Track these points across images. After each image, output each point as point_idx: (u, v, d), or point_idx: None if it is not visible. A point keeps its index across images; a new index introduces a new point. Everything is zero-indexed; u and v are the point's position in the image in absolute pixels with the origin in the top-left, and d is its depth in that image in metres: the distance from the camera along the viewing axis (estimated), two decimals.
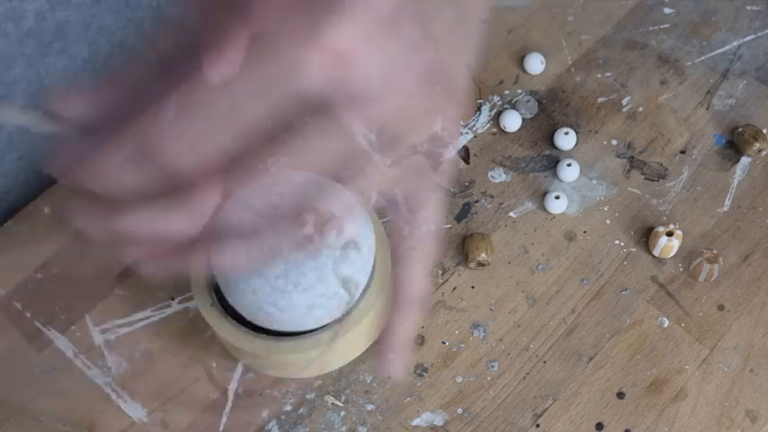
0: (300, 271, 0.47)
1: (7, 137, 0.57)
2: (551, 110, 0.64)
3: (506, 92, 0.65)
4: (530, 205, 0.60)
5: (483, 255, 0.57)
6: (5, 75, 0.58)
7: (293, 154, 0.31)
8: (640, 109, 0.64)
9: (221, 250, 0.35)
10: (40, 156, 0.61)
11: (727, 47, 0.67)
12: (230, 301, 0.49)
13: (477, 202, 0.60)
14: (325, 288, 0.47)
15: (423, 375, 0.54)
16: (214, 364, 0.55)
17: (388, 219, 0.43)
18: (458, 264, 0.58)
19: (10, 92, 0.59)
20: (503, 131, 0.63)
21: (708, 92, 0.65)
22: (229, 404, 0.54)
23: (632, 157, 0.62)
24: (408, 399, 0.54)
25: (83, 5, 0.59)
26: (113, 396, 0.54)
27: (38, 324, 0.55)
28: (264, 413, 0.53)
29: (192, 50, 0.31)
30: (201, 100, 0.30)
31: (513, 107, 0.64)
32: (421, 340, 0.55)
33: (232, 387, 0.54)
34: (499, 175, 0.61)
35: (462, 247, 0.58)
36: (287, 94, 0.30)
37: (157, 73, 0.37)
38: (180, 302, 0.56)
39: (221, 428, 0.53)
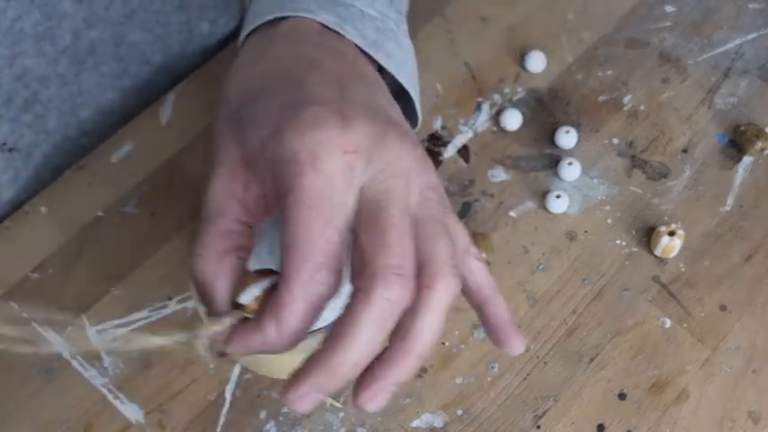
0: None
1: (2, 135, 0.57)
2: (552, 108, 0.63)
3: (506, 90, 0.64)
4: (530, 204, 0.60)
5: (483, 254, 0.56)
6: (42, 93, 0.58)
7: None
8: (642, 107, 0.63)
9: None
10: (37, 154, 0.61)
11: (728, 45, 0.66)
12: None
13: (477, 201, 0.60)
14: None
15: (422, 376, 0.54)
16: (211, 365, 0.54)
17: None
18: None
19: (47, 111, 0.59)
20: (503, 130, 0.62)
21: (710, 90, 0.64)
22: (227, 405, 0.53)
23: (634, 156, 0.62)
24: (408, 400, 0.53)
25: (115, 23, 0.59)
26: (110, 397, 0.53)
27: (35, 324, 0.54)
28: (263, 414, 0.53)
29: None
30: None
31: (514, 106, 0.63)
32: None
33: (230, 388, 0.54)
34: (499, 174, 0.61)
35: None
36: None
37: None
38: (178, 302, 0.56)
39: (219, 430, 0.53)
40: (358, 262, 0.35)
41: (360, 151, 0.36)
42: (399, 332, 0.36)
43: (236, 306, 0.37)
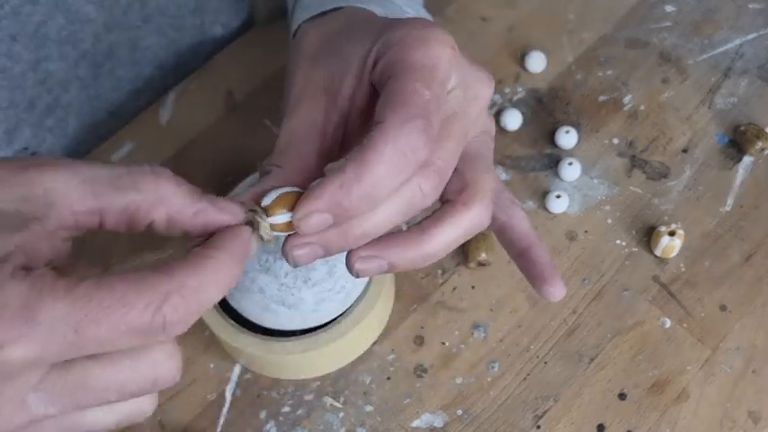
0: (311, 265, 0.46)
1: (5, 131, 0.57)
2: (552, 108, 0.63)
3: (507, 90, 0.64)
4: (531, 204, 0.60)
5: (483, 254, 0.56)
6: (62, 98, 0.59)
7: None
8: (642, 107, 0.63)
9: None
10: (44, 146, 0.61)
11: (729, 45, 0.66)
12: (232, 302, 0.49)
13: None
14: (333, 282, 0.47)
15: (422, 376, 0.54)
16: (212, 365, 0.54)
17: None
18: (458, 264, 0.57)
19: (67, 115, 0.60)
20: (503, 130, 0.62)
21: (710, 90, 0.64)
22: (227, 405, 0.53)
23: (634, 156, 0.62)
24: (408, 400, 0.53)
25: (133, 27, 0.60)
26: None
27: None
28: (263, 414, 0.53)
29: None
30: None
31: (514, 106, 0.63)
32: (420, 341, 0.55)
33: (230, 388, 0.54)
34: (500, 174, 0.61)
35: (462, 246, 0.57)
36: None
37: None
38: None
39: (219, 430, 0.53)
40: None
41: (458, 54, 0.36)
42: (421, 226, 0.37)
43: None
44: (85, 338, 0.28)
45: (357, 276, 0.37)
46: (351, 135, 0.39)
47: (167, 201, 0.32)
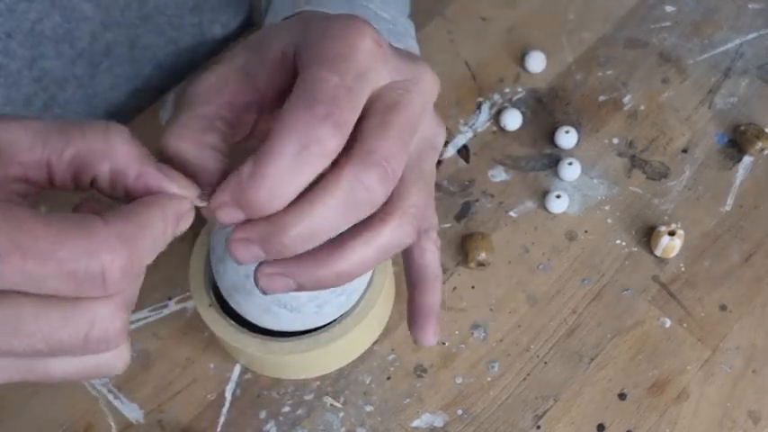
0: None
1: None
2: (552, 108, 0.63)
3: (507, 90, 0.64)
4: (530, 204, 0.60)
5: (483, 254, 0.56)
6: (59, 96, 0.59)
7: None
8: (642, 107, 0.63)
9: None
10: None
11: (728, 45, 0.66)
12: (232, 303, 0.49)
13: (477, 201, 0.60)
14: None
15: (422, 376, 0.54)
16: (212, 365, 0.54)
17: None
18: (458, 264, 0.57)
19: (64, 113, 0.60)
20: (503, 130, 0.62)
21: (709, 90, 0.64)
22: (227, 405, 0.53)
23: (634, 156, 0.62)
24: (408, 400, 0.53)
25: (131, 25, 0.60)
26: (110, 397, 0.53)
27: None
28: (263, 414, 0.53)
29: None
30: None
31: (514, 106, 0.63)
32: None
33: (230, 388, 0.54)
34: (499, 174, 0.61)
35: (462, 246, 0.58)
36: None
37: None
38: (177, 303, 0.56)
39: (219, 429, 0.53)
40: (348, 144, 0.32)
41: (386, 49, 0.33)
42: (335, 241, 0.33)
43: None
44: (9, 266, 0.26)
45: (264, 293, 0.34)
46: (258, 122, 0.37)
47: (113, 154, 0.30)
